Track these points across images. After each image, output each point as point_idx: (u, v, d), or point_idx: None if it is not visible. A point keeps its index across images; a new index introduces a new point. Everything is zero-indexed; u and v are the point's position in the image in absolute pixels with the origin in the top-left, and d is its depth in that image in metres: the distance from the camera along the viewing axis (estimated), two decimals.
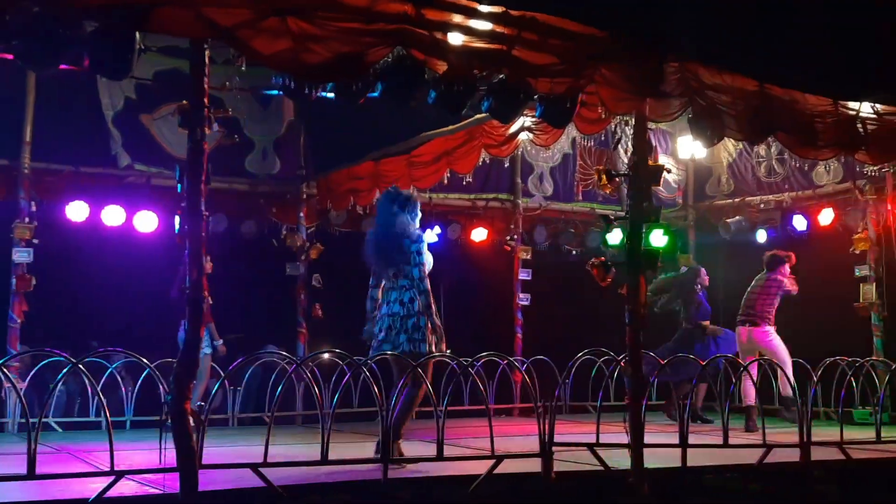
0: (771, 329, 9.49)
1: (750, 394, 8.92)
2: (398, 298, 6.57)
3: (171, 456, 5.07)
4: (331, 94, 5.66)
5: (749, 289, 9.82)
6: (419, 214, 6.81)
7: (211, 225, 8.24)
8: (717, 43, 6.55)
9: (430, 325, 6.50)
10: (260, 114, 10.75)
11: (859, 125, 7.12)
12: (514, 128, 9.03)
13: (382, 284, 6.75)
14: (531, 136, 9.09)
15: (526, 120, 8.67)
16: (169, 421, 5.00)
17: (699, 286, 10.24)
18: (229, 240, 10.47)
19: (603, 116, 6.59)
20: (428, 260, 6.63)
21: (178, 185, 5.22)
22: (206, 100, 5.14)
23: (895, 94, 7.05)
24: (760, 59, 6.75)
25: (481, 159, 9.87)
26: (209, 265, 8.95)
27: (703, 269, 10.43)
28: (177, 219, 5.24)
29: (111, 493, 4.99)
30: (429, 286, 6.59)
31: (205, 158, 5.11)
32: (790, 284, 9.68)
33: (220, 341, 9.66)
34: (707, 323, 10.14)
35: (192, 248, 5.08)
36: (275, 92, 7.55)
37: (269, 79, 6.15)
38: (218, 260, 9.68)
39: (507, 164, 11.52)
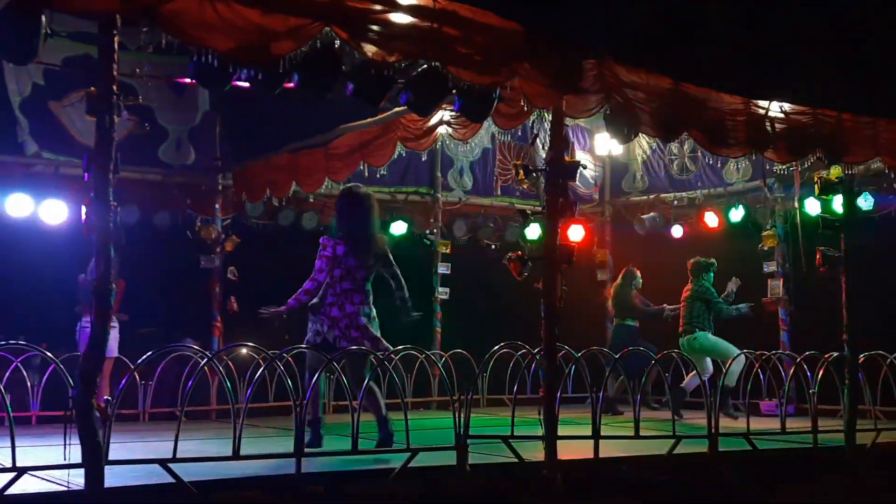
0: (703, 334, 9.71)
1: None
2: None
3: (77, 452, 4.94)
4: (245, 84, 5.56)
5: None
6: None
7: (122, 216, 8.05)
8: (634, 41, 6.65)
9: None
10: (174, 103, 10.51)
11: (769, 124, 7.32)
12: (432, 121, 9.03)
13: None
14: (450, 130, 9.10)
15: (445, 114, 8.67)
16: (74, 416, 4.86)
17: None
18: (142, 231, 10.21)
19: (525, 110, 6.63)
20: None
21: (86, 174, 5.06)
22: (115, 86, 4.99)
23: (802, 94, 7.26)
24: (675, 57, 6.87)
25: (397, 152, 9.82)
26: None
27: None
28: (83, 209, 5.08)
29: (13, 489, 4.83)
30: None
31: (113, 147, 4.96)
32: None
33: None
34: None
35: (100, 240, 4.94)
36: (188, 80, 7.39)
37: (183, 67, 6.00)
38: (130, 252, 9.47)
39: (424, 158, 11.51)
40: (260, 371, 6.46)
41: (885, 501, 7.45)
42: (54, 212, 9.88)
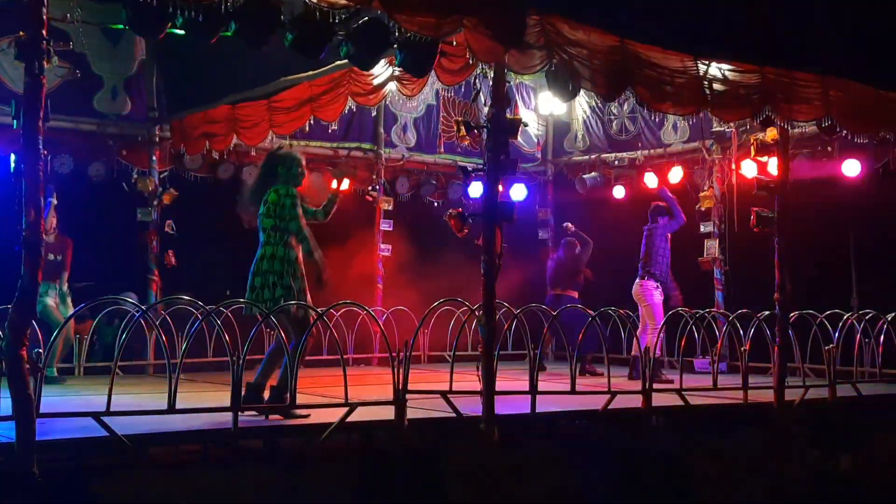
0: (648, 283, 9.77)
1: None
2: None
3: (6, 405, 4.85)
4: (181, 32, 5.42)
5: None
6: None
7: (55, 166, 7.88)
8: None
9: None
10: (109, 51, 10.20)
11: (714, 82, 7.34)
12: (383, 76, 8.90)
13: None
14: (398, 85, 8.99)
15: (395, 69, 8.58)
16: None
17: None
18: (76, 182, 9.97)
19: (470, 64, 6.57)
20: None
21: (15, 122, 4.91)
22: (44, 31, 4.83)
23: (745, 54, 7.30)
24: (618, 14, 6.86)
25: (347, 107, 9.71)
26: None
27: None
28: (13, 157, 4.93)
29: None
30: None
31: (43, 93, 4.81)
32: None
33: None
34: None
35: (29, 189, 4.81)
36: (121, 26, 7.18)
37: (117, 13, 5.81)
38: (65, 203, 9.26)
39: (374, 114, 11.41)
40: (196, 325, 6.39)
41: (807, 456, 7.71)
42: None
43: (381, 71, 8.70)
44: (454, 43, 6.18)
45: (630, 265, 10.14)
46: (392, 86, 9.14)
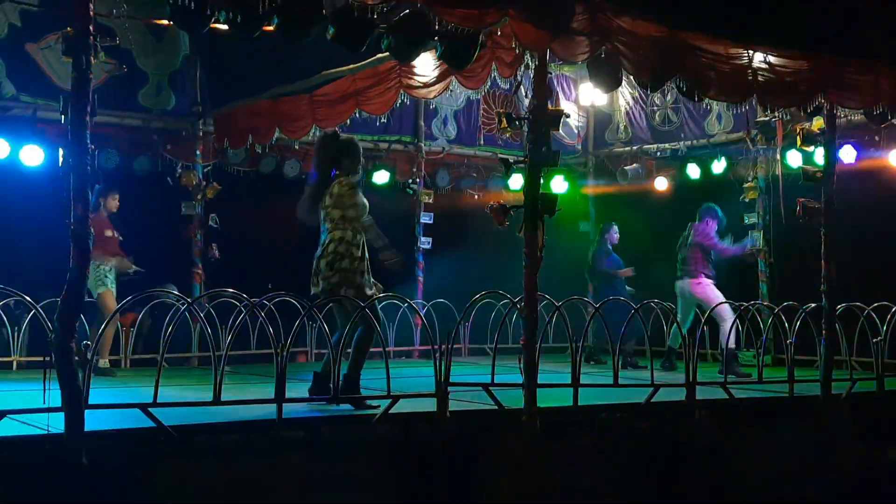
0: (705, 280, 9.73)
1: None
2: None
3: (57, 396, 4.94)
4: (224, 27, 5.47)
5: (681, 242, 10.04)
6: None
7: (101, 160, 8.00)
8: None
9: None
10: (154, 46, 10.34)
11: (759, 71, 7.24)
12: (440, 69, 8.83)
13: None
14: (461, 78, 8.93)
15: None
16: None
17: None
18: (121, 176, 10.11)
19: (521, 58, 6.51)
20: None
21: (62, 117, 4.99)
22: (91, 27, 4.89)
23: (797, 41, 7.17)
24: (665, 2, 6.77)
25: (399, 101, 9.67)
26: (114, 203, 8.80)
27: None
28: (61, 152, 5.01)
29: None
30: None
31: (90, 89, 4.88)
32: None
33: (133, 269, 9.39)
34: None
35: (77, 183, 4.88)
36: (166, 22, 7.26)
37: (161, 9, 5.88)
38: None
39: (406, 106, 11.40)
40: (241, 318, 6.46)
41: (854, 449, 7.59)
42: (32, 155, 9.77)
43: (436, 64, 8.65)
44: (500, 33, 6.11)
45: (672, 256, 10.07)
46: (452, 78, 9.07)
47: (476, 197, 12.50)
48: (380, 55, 8.38)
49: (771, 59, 7.25)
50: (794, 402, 7.54)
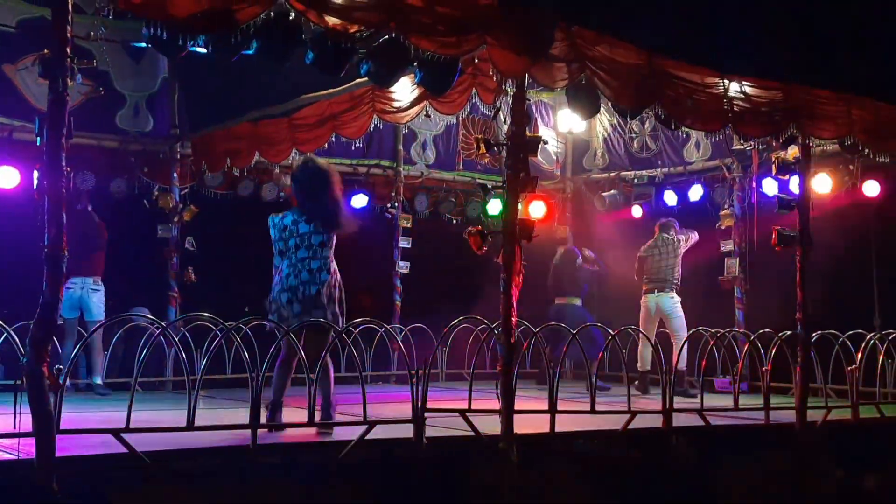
0: (677, 296, 9.89)
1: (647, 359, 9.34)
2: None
3: (27, 421, 4.86)
4: (203, 50, 5.46)
5: (647, 255, 10.18)
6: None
7: (77, 182, 7.93)
8: (601, 10, 6.61)
9: None
10: (132, 68, 10.32)
11: (735, 100, 7.33)
12: (414, 94, 8.87)
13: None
14: (435, 104, 8.95)
15: None
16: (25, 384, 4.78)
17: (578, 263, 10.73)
18: (97, 199, 10.04)
19: (500, 85, 6.55)
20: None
21: (38, 139, 4.94)
22: (68, 49, 4.87)
23: (771, 71, 7.28)
24: (644, 29, 6.85)
25: (372, 125, 9.69)
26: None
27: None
28: (35, 174, 4.97)
29: None
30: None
31: (67, 111, 4.85)
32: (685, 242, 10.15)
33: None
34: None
35: (52, 205, 4.83)
36: (144, 45, 7.26)
37: (140, 32, 5.86)
38: (84, 219, 9.33)
39: (404, 131, 11.45)
40: (216, 342, 6.41)
41: (830, 477, 7.61)
42: (7, 177, 9.68)
43: (412, 88, 8.67)
44: (476, 60, 6.17)
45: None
46: (426, 104, 9.08)
47: (454, 222, 12.51)
48: (358, 80, 8.41)
49: (746, 88, 7.34)
50: (771, 429, 7.55)
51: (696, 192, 11.41)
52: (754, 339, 8.07)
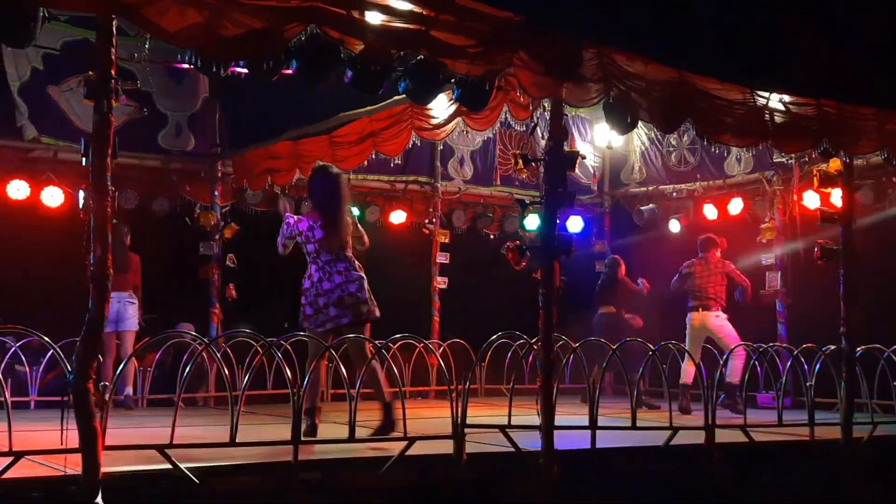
0: (723, 314, 9.78)
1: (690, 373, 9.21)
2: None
3: (73, 437, 4.94)
4: (244, 70, 5.54)
5: (688, 273, 10.04)
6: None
7: (120, 201, 8.06)
8: (633, 30, 6.61)
9: None
10: (173, 88, 10.49)
11: (772, 115, 7.28)
12: (451, 110, 8.95)
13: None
14: (468, 120, 9.00)
15: None
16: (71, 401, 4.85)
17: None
18: (141, 217, 10.20)
19: (537, 101, 6.59)
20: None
21: (84, 159, 5.04)
22: (113, 71, 4.97)
23: (804, 85, 7.22)
24: (676, 46, 6.83)
25: (411, 142, 9.77)
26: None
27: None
28: (81, 193, 5.06)
29: (10, 473, 4.84)
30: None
31: (111, 132, 4.95)
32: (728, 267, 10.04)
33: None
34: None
35: (97, 224, 4.92)
36: (186, 66, 7.39)
37: (181, 52, 5.97)
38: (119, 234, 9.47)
39: (440, 147, 11.52)
40: (258, 358, 6.47)
41: (878, 494, 7.47)
42: (53, 196, 9.88)
43: (448, 105, 8.73)
44: (505, 78, 6.19)
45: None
46: (460, 120, 9.14)
47: (492, 237, 12.52)
48: (396, 97, 8.47)
49: (779, 104, 7.29)
50: (815, 445, 7.44)
51: (735, 206, 11.30)
52: (797, 353, 7.95)
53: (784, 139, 7.46)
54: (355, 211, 11.35)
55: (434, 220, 12.05)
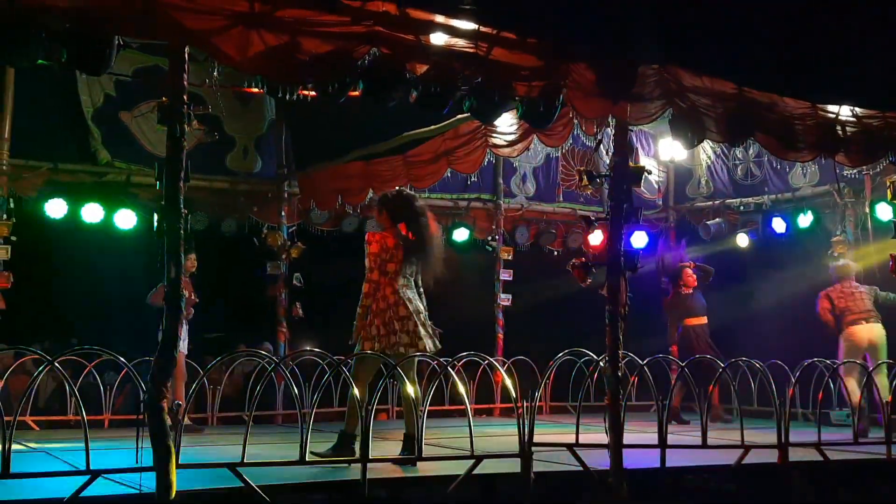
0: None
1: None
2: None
3: (148, 455, 5.04)
4: (312, 93, 5.63)
5: (843, 288, 9.73)
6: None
7: (191, 223, 8.21)
8: (695, 45, 6.56)
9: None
10: (240, 111, 10.70)
11: (838, 128, 7.16)
12: (522, 128, 8.93)
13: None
14: (543, 136, 9.01)
15: None
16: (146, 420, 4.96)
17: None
18: (210, 238, 10.41)
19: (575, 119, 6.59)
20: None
21: (157, 183, 5.18)
22: (185, 97, 5.10)
23: (869, 97, 7.09)
24: (738, 62, 6.76)
25: (486, 159, 9.81)
26: (192, 263, 9.00)
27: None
28: (155, 216, 5.20)
29: (86, 492, 4.95)
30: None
31: (183, 156, 5.07)
32: None
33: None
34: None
35: (171, 246, 5.05)
36: (256, 90, 7.55)
37: (252, 77, 6.10)
38: (199, 258, 9.67)
39: (486, 164, 11.54)
40: (326, 377, 6.53)
41: None
42: (126, 219, 10.14)
43: (517, 122, 8.75)
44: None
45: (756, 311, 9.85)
46: (534, 137, 9.15)
47: (556, 254, 12.47)
48: (459, 116, 8.52)
49: (844, 116, 7.17)
50: (893, 464, 7.22)
51: (805, 219, 11.08)
52: (872, 370, 7.75)
53: (849, 152, 7.33)
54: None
55: (497, 237, 12.05)
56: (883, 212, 9.89)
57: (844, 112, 7.20)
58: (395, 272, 6.62)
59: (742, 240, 11.86)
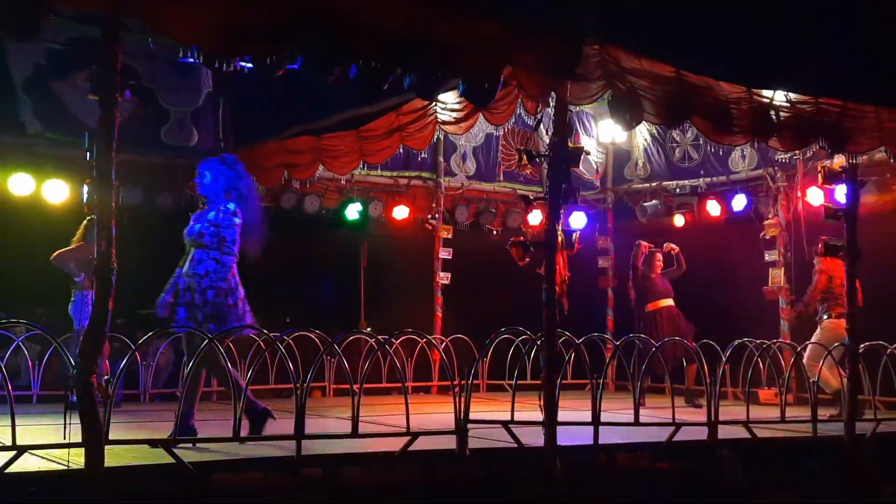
0: None
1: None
2: None
3: (77, 431, 4.94)
4: (249, 65, 5.54)
5: (826, 277, 9.69)
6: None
7: (124, 196, 8.06)
8: (635, 28, 6.62)
9: None
10: (176, 83, 10.46)
11: (773, 113, 7.29)
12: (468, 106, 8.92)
13: None
14: (487, 114, 8.99)
15: None
16: (73, 395, 4.87)
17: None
18: (144, 212, 10.20)
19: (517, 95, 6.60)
20: None
21: (87, 154, 5.05)
22: (118, 67, 4.97)
23: (803, 83, 7.23)
24: (677, 45, 6.84)
25: (436, 136, 9.77)
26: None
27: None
28: (85, 188, 5.08)
29: (13, 468, 4.84)
30: None
31: (115, 127, 4.95)
32: None
33: None
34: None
35: (102, 219, 4.94)
36: (191, 60, 7.39)
37: (185, 48, 5.96)
38: (132, 233, 9.46)
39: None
40: (261, 354, 6.47)
41: (881, 490, 7.47)
42: (56, 191, 9.88)
43: (463, 100, 8.72)
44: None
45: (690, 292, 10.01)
46: (479, 115, 9.13)
47: (495, 233, 12.51)
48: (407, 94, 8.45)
49: (777, 102, 7.30)
50: (819, 442, 7.43)
51: (739, 202, 11.28)
52: (801, 350, 7.95)
53: (782, 138, 7.48)
54: (358, 206, 11.41)
55: (437, 215, 12.05)
56: (814, 196, 10.14)
57: (779, 97, 7.33)
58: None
59: (678, 220, 12.04)
